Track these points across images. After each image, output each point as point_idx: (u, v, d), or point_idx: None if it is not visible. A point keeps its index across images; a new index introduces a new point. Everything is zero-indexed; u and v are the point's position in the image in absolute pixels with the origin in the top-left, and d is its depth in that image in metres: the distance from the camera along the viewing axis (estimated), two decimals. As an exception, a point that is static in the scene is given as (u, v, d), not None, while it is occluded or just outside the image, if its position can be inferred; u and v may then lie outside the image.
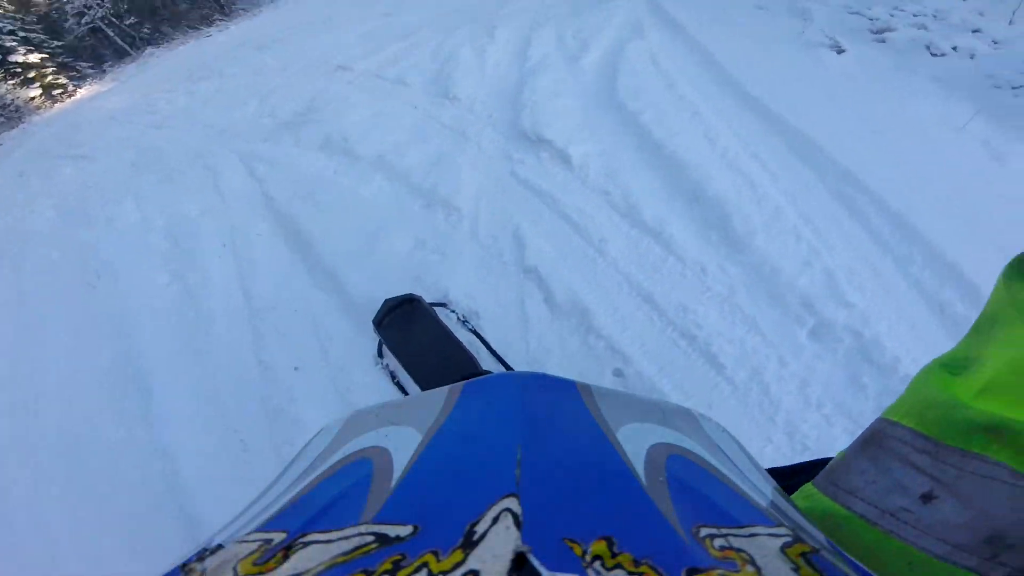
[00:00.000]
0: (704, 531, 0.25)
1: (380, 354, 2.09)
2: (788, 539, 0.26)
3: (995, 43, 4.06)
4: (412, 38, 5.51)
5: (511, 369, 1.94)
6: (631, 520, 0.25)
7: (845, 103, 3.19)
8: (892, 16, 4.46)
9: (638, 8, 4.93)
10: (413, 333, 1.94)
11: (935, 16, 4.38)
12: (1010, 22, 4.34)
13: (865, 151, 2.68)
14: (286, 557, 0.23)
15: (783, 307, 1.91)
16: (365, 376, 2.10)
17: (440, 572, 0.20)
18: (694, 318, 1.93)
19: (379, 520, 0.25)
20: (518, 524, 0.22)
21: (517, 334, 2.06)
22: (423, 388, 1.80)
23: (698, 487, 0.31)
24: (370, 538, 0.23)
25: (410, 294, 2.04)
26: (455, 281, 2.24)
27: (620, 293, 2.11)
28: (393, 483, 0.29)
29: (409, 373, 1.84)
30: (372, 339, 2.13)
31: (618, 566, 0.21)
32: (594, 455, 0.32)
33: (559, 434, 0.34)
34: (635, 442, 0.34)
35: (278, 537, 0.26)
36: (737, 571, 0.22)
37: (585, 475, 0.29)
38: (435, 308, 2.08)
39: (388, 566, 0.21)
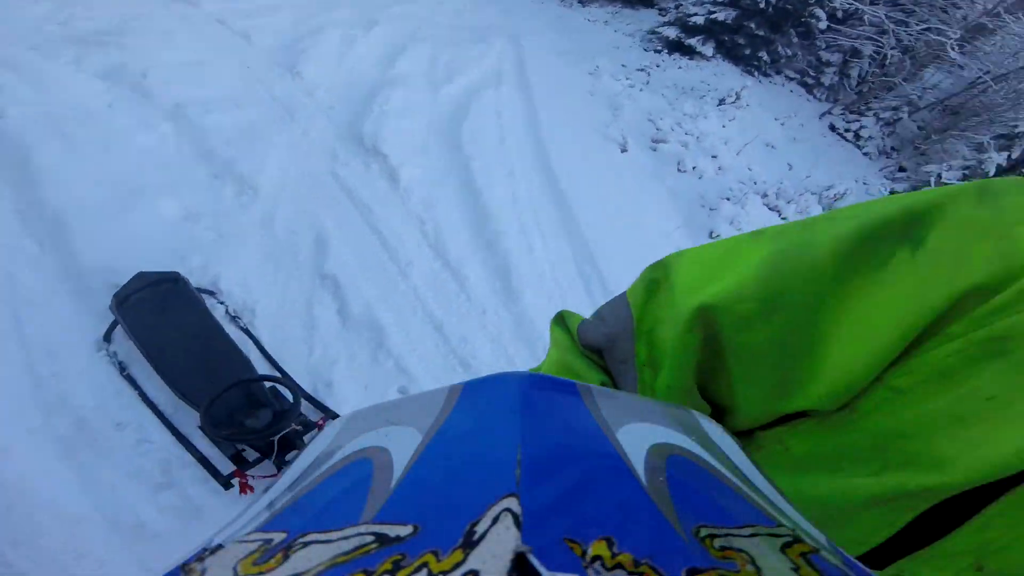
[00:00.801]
0: (704, 531, 0.25)
1: (108, 338, 1.66)
2: (788, 539, 0.26)
3: (720, 168, 4.97)
4: (285, -5, 4.86)
5: (286, 375, 1.79)
6: (631, 520, 0.25)
7: (610, 195, 3.78)
8: (672, 130, 5.24)
9: (505, 58, 5.07)
10: (168, 319, 1.58)
11: (698, 138, 5.19)
12: (737, 153, 5.36)
13: (607, 238, 3.21)
14: (286, 557, 0.23)
15: (534, 352, 2.17)
16: (78, 362, 1.66)
17: (440, 572, 0.20)
18: (471, 349, 2.17)
19: (379, 520, 0.25)
20: (518, 524, 0.22)
21: (299, 339, 1.98)
22: (174, 386, 1.50)
23: (698, 487, 0.31)
24: (370, 538, 0.23)
25: (174, 272, 1.71)
26: (231, 268, 2.00)
27: (415, 316, 2.25)
28: (393, 483, 0.29)
29: (155, 366, 1.52)
30: (98, 318, 1.69)
31: (618, 566, 0.21)
32: (594, 455, 0.32)
33: (559, 434, 0.34)
34: (635, 442, 0.34)
35: (278, 537, 0.26)
36: (737, 571, 0.22)
37: (585, 475, 0.29)
38: (202, 295, 1.76)
39: (388, 566, 0.21)
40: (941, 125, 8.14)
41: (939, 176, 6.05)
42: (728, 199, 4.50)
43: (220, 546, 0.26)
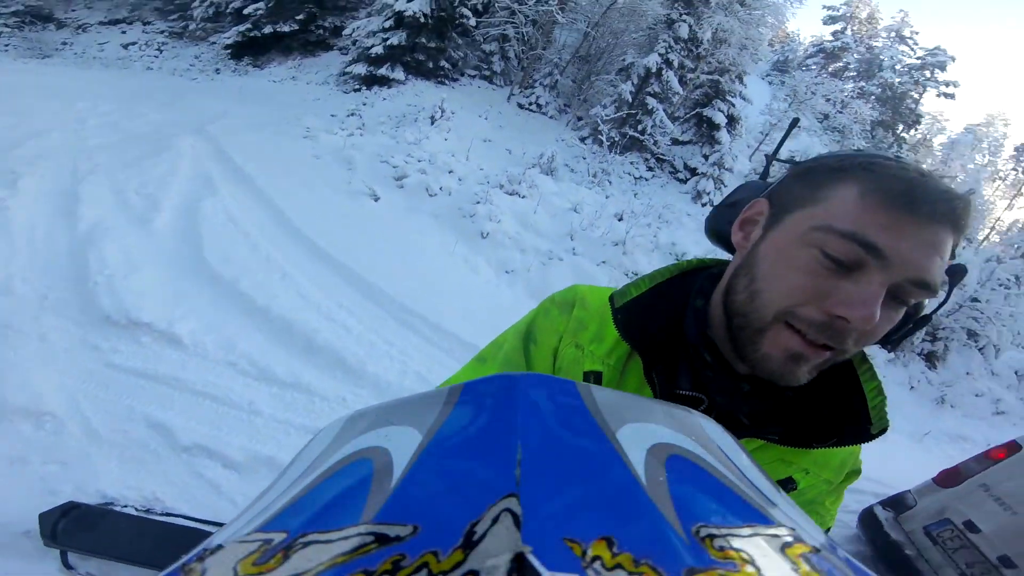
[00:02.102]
0: (704, 531, 0.25)
1: (67, 564, 1.62)
2: (788, 539, 0.26)
3: (460, 179, 5.50)
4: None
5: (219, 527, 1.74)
6: (631, 520, 0.25)
7: (386, 243, 3.95)
8: (406, 163, 5.59)
9: (202, 156, 4.68)
10: (104, 531, 1.56)
11: (430, 161, 5.63)
12: (467, 158, 6.13)
13: (407, 281, 3.40)
14: (286, 557, 0.23)
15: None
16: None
17: (440, 572, 0.20)
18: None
19: (379, 520, 0.25)
20: (518, 524, 0.22)
21: (210, 502, 1.81)
22: (159, 569, 1.47)
23: (698, 487, 0.31)
24: (370, 538, 0.23)
25: (69, 502, 1.62)
26: (104, 480, 1.80)
27: (288, 437, 2.18)
28: (393, 483, 0.29)
29: (131, 562, 1.48)
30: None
31: (618, 566, 0.21)
32: (594, 455, 0.32)
33: (559, 434, 0.34)
34: (635, 442, 0.34)
35: (278, 537, 0.26)
36: (737, 571, 0.22)
37: (585, 475, 0.29)
38: (106, 506, 1.70)
39: (388, 566, 0.21)
40: (583, 74, 9.66)
41: (603, 113, 7.06)
42: (478, 202, 4.92)
43: (220, 546, 0.26)
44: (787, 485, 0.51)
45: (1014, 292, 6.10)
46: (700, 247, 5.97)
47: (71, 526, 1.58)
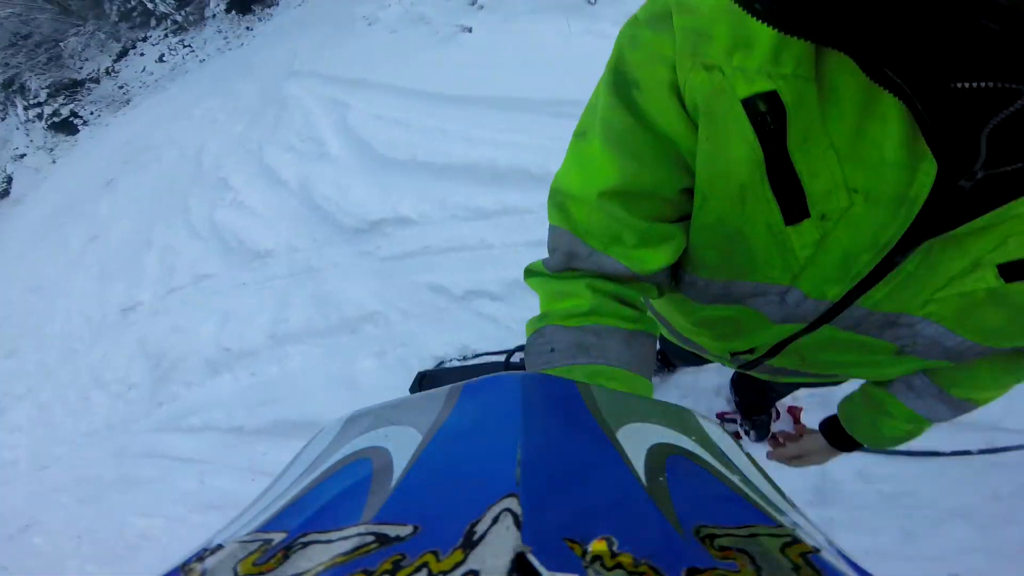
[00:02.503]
0: (704, 531, 0.25)
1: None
2: (788, 539, 0.26)
3: None
4: None
5: None
6: (631, 520, 0.25)
7: (503, 60, 4.01)
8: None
9: (315, 88, 4.92)
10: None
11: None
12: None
13: (543, 79, 3.44)
14: (286, 557, 0.23)
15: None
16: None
17: (440, 572, 0.20)
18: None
19: (379, 520, 0.25)
20: (518, 524, 0.22)
21: (494, 333, 2.15)
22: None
23: (698, 487, 0.31)
24: (370, 538, 0.23)
25: (419, 372, 1.95)
26: (432, 344, 2.26)
27: (519, 255, 2.34)
28: (393, 483, 0.29)
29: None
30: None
31: (618, 566, 0.21)
32: (594, 455, 0.32)
33: (559, 434, 0.34)
34: (635, 442, 0.34)
35: (278, 537, 0.26)
36: (737, 571, 0.22)
37: (585, 475, 0.29)
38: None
39: (388, 566, 0.21)
40: None
41: None
42: None
43: (220, 546, 0.26)
44: None
45: None
46: None
47: (430, 386, 1.85)
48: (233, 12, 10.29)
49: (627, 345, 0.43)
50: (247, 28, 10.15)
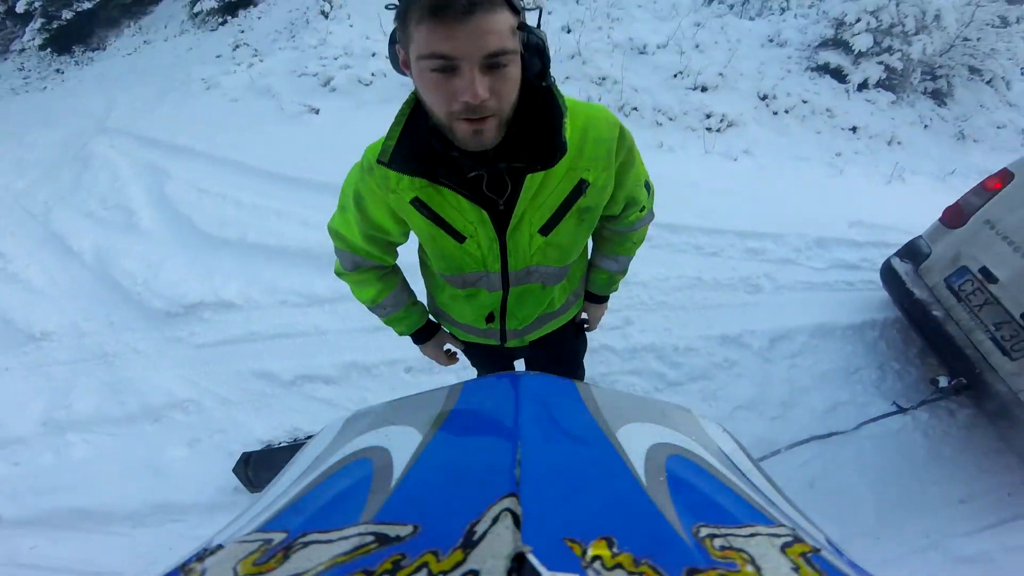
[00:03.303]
0: (704, 531, 0.25)
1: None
2: (788, 539, 0.26)
3: (387, 57, 4.92)
4: None
5: None
6: (631, 520, 0.25)
7: (351, 146, 3.91)
8: (324, 66, 5.14)
9: (129, 150, 4.50)
10: (278, 465, 1.61)
11: (347, 53, 5.29)
12: (384, 33, 5.11)
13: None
14: (286, 557, 0.23)
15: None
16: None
17: (440, 572, 0.20)
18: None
19: (379, 520, 0.25)
20: (518, 524, 0.22)
21: (329, 414, 2.09)
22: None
23: (698, 487, 0.31)
24: (370, 538, 0.23)
25: (243, 453, 1.90)
26: (258, 429, 2.15)
27: (356, 340, 2.35)
28: (393, 483, 0.29)
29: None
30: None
31: (618, 566, 0.21)
32: (594, 455, 0.32)
33: (559, 434, 0.34)
34: (635, 442, 0.34)
35: (278, 537, 0.26)
36: (737, 571, 0.22)
37: (585, 475, 0.29)
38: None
39: (388, 566, 0.21)
40: None
41: None
42: None
43: (220, 546, 0.26)
44: (583, 184, 0.71)
45: (1008, 29, 5.70)
46: (659, 34, 5.41)
47: (256, 470, 1.85)
48: (48, 50, 9.10)
49: (401, 290, 0.97)
50: (57, 70, 9.03)
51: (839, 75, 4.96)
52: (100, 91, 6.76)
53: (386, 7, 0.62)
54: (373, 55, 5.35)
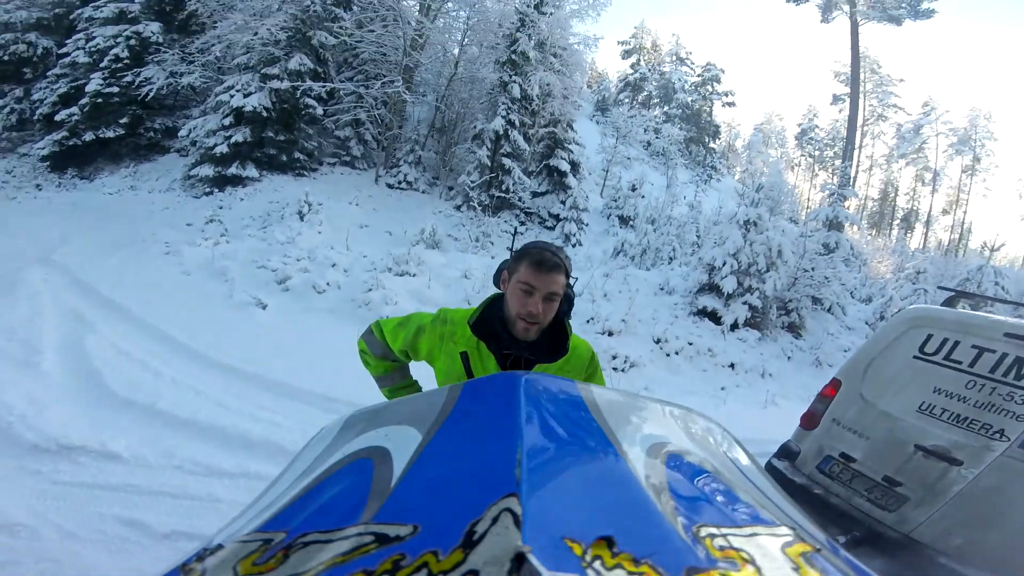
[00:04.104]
0: (704, 531, 0.25)
1: None
2: (788, 539, 0.26)
3: (346, 271, 5.53)
4: None
5: None
6: (631, 520, 0.25)
7: (288, 347, 3.98)
8: (285, 264, 5.32)
9: (60, 290, 4.26)
10: None
11: (310, 258, 5.55)
12: (347, 247, 5.90)
13: (322, 376, 3.44)
14: (286, 557, 0.23)
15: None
16: None
17: (440, 572, 0.19)
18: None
19: (379, 520, 0.25)
20: (518, 524, 0.22)
21: None
22: None
23: (699, 487, 0.31)
24: (370, 538, 0.23)
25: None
26: (103, 570, 1.91)
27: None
28: (393, 483, 0.29)
29: None
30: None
31: (618, 566, 0.21)
32: (594, 454, 0.32)
33: (559, 433, 0.34)
34: (635, 442, 0.34)
35: (278, 537, 0.26)
36: (737, 571, 0.22)
37: (585, 474, 0.29)
38: None
39: (388, 566, 0.20)
40: (444, 145, 9.74)
41: (468, 180, 8.04)
42: (370, 289, 5.01)
43: (220, 546, 0.26)
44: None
45: (831, 256, 7.24)
46: (578, 285, 5.88)
47: None
48: (48, 164, 9.13)
49: (405, 369, 1.29)
50: (36, 186, 8.87)
51: (715, 317, 6.08)
52: (62, 220, 6.66)
53: (507, 248, 1.24)
54: (333, 265, 5.50)
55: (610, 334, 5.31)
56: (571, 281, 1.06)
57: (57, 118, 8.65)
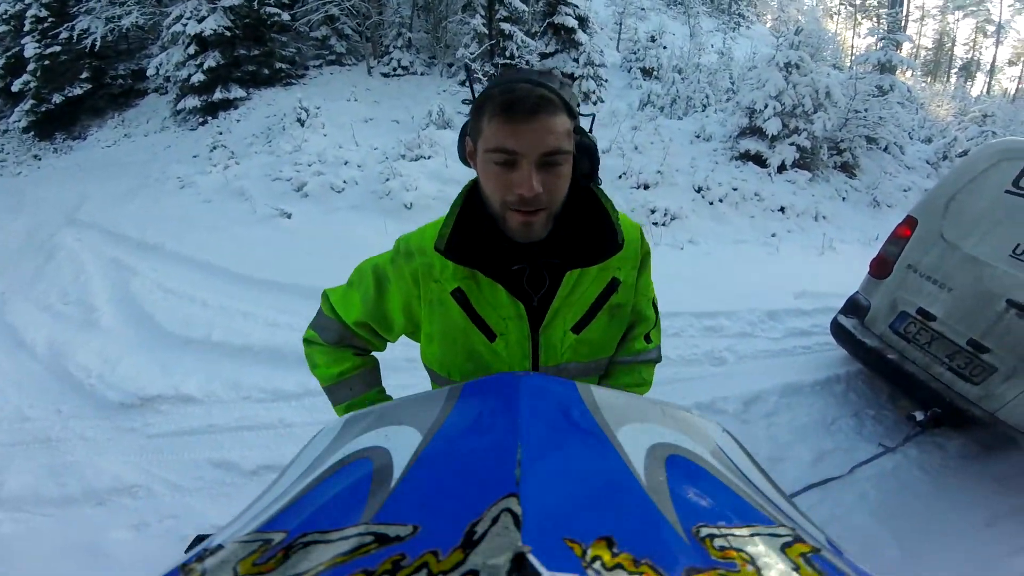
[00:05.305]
0: (704, 531, 0.25)
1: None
2: (788, 539, 0.26)
3: (360, 166, 5.51)
4: None
5: None
6: (631, 520, 0.25)
7: (322, 251, 4.01)
8: (298, 172, 5.35)
9: (96, 244, 4.36)
10: None
11: (321, 160, 5.51)
12: (356, 144, 5.93)
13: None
14: (286, 557, 0.23)
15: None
16: None
17: (440, 572, 0.20)
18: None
19: (379, 520, 0.25)
20: (518, 524, 0.22)
21: None
22: None
23: (698, 487, 0.31)
24: (370, 538, 0.23)
25: (196, 536, 1.64)
26: (212, 515, 2.09)
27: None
28: (393, 483, 0.29)
29: None
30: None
31: (618, 566, 0.21)
32: (594, 455, 0.32)
33: (559, 434, 0.34)
34: (635, 442, 0.34)
35: (278, 537, 0.26)
36: (737, 571, 0.22)
37: (585, 475, 0.29)
38: None
39: (388, 566, 0.21)
40: (433, 22, 9.02)
41: (467, 53, 7.36)
42: (388, 179, 4.92)
43: (220, 546, 0.26)
44: (615, 283, 0.72)
45: (886, 99, 6.58)
46: (603, 141, 5.63)
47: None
48: (31, 133, 9.06)
49: (373, 371, 0.89)
50: (35, 156, 8.90)
51: (760, 160, 5.50)
52: (74, 182, 6.72)
53: (463, 102, 0.67)
54: (345, 163, 5.51)
55: (646, 187, 4.92)
56: (583, 120, 0.65)
57: (14, 89, 8.58)
